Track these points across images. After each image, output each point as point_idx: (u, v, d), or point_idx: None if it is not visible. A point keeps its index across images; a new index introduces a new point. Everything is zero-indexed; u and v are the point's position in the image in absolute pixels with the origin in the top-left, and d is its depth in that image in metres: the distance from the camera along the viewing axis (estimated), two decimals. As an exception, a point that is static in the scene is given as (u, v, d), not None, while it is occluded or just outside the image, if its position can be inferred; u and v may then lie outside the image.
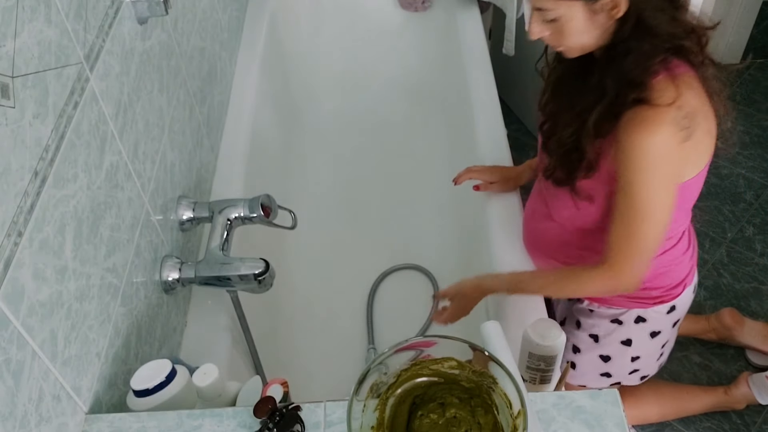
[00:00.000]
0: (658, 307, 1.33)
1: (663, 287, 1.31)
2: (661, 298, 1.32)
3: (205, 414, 0.90)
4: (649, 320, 1.35)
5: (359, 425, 0.79)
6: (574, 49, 1.10)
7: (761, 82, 2.68)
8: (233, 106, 1.79)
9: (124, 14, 1.10)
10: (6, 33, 0.75)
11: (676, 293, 1.32)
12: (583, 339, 1.44)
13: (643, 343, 1.39)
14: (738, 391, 1.78)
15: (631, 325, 1.36)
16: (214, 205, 1.33)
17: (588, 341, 1.43)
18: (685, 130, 1.02)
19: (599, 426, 0.85)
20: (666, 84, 1.03)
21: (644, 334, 1.38)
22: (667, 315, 1.36)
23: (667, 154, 1.04)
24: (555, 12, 1.04)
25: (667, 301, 1.33)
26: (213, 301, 1.37)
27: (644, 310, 1.34)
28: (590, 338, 1.42)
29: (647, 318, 1.35)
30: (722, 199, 2.28)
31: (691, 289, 1.37)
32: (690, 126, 1.02)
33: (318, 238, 1.98)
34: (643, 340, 1.38)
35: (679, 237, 1.27)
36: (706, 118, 1.08)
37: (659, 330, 1.38)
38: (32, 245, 0.79)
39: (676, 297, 1.33)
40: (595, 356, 1.44)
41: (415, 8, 2.17)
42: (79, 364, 0.90)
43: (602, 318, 1.39)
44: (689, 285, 1.35)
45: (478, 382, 0.84)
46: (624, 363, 1.43)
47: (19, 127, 0.77)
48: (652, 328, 1.37)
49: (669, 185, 1.08)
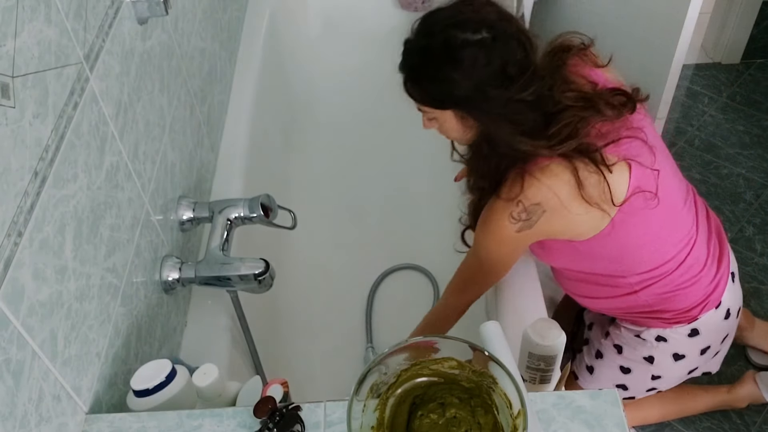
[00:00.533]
0: (677, 328, 1.33)
1: (675, 310, 1.31)
2: (677, 319, 1.32)
3: (205, 414, 0.90)
4: (670, 341, 1.35)
5: (359, 425, 0.79)
6: (458, 141, 1.26)
7: (761, 82, 2.68)
8: (233, 106, 1.79)
9: (124, 14, 1.10)
10: (6, 33, 0.75)
11: (693, 315, 1.31)
12: (607, 347, 1.44)
13: (666, 364, 1.38)
14: (743, 390, 1.77)
15: (653, 343, 1.36)
16: (214, 205, 1.33)
17: (612, 350, 1.43)
18: (522, 222, 1.15)
19: (599, 426, 0.85)
20: (515, 180, 1.14)
21: (667, 355, 1.37)
22: (690, 339, 1.34)
23: (503, 238, 1.19)
24: (431, 114, 1.18)
25: (684, 322, 1.32)
26: (213, 301, 1.37)
27: (663, 330, 1.34)
28: (614, 348, 1.42)
29: (667, 338, 1.34)
30: (722, 199, 2.28)
31: (719, 313, 1.33)
32: (529, 218, 1.14)
33: (318, 238, 1.98)
34: (665, 360, 1.38)
35: (678, 264, 1.26)
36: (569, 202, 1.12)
37: (683, 354, 1.37)
38: (32, 245, 0.79)
39: (695, 319, 1.31)
40: (615, 365, 1.44)
41: (415, 8, 2.17)
42: (79, 364, 0.90)
43: (627, 331, 1.39)
44: (711, 308, 1.31)
45: (478, 382, 0.84)
46: (644, 379, 1.43)
47: (19, 127, 0.77)
48: (675, 350, 1.36)
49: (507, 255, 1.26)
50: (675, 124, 2.54)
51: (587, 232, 1.18)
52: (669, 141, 2.47)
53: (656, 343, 1.35)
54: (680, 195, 1.27)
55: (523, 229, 1.16)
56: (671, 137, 2.49)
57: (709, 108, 2.60)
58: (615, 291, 1.30)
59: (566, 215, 1.14)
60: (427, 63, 1.11)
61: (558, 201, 1.12)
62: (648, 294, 1.28)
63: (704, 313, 1.31)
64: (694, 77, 2.72)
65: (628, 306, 1.32)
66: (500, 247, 1.23)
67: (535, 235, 1.19)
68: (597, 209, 1.13)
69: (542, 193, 1.12)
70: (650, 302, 1.29)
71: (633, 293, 1.28)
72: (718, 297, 1.32)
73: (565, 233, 1.19)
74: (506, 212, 1.15)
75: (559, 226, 1.17)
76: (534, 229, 1.16)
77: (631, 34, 1.91)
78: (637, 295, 1.28)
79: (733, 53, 2.72)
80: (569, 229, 1.18)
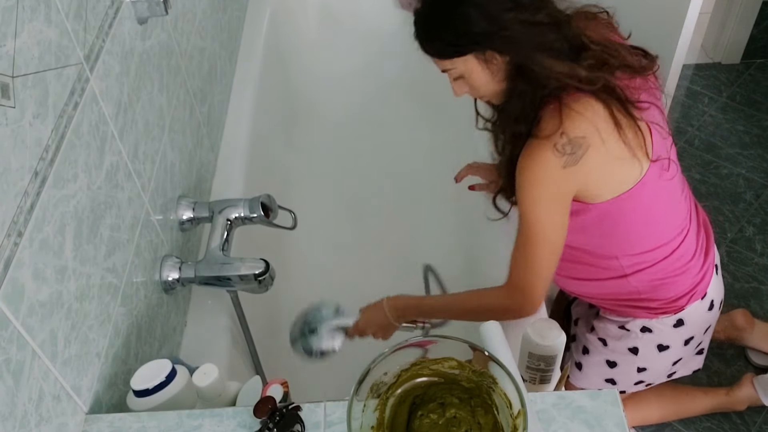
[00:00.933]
0: (662, 318, 1.33)
1: (663, 299, 1.31)
2: (663, 309, 1.32)
3: (205, 414, 0.90)
4: (655, 331, 1.35)
5: (359, 425, 0.79)
6: (489, 96, 1.20)
7: (761, 82, 2.68)
8: (233, 106, 1.79)
9: (124, 14, 1.10)
10: (6, 33, 0.75)
11: (680, 305, 1.31)
12: (592, 341, 1.44)
13: (651, 355, 1.38)
14: (741, 393, 1.77)
15: (637, 334, 1.36)
16: (214, 205, 1.33)
17: (597, 344, 1.43)
18: (568, 155, 1.08)
19: (599, 426, 0.85)
20: (552, 115, 1.10)
21: (651, 346, 1.37)
22: (675, 329, 1.34)
23: (546, 178, 1.11)
24: (456, 70, 1.14)
25: (670, 312, 1.32)
26: (213, 301, 1.37)
27: (649, 321, 1.34)
28: (599, 341, 1.42)
29: (652, 329, 1.35)
30: (722, 199, 2.27)
31: (703, 304, 1.34)
32: (574, 152, 1.08)
33: (318, 238, 1.98)
34: (650, 351, 1.38)
35: (671, 251, 1.26)
36: (609, 142, 1.10)
37: (667, 345, 1.37)
38: (32, 245, 0.79)
39: (681, 309, 1.32)
40: (602, 360, 1.43)
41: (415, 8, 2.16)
42: (79, 364, 0.90)
43: (611, 323, 1.39)
44: (697, 299, 1.32)
45: (478, 382, 0.84)
46: (630, 371, 1.43)
47: (19, 127, 0.77)
48: (659, 340, 1.36)
49: (554, 208, 1.14)
50: (675, 124, 2.54)
51: (618, 185, 1.15)
52: (669, 141, 2.47)
53: (641, 334, 1.36)
54: (680, 182, 1.28)
55: (569, 164, 1.09)
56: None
57: (709, 108, 2.60)
58: (606, 273, 1.29)
59: (606, 155, 1.11)
60: (437, 10, 1.12)
61: (599, 137, 1.09)
62: (638, 280, 1.28)
63: (690, 304, 1.32)
64: (694, 77, 2.72)
65: (617, 292, 1.32)
66: (547, 192, 1.13)
67: (580, 176, 1.12)
68: (633, 157, 1.12)
69: (584, 126, 1.08)
70: (639, 289, 1.29)
71: (623, 277, 1.28)
72: (705, 288, 1.33)
73: (599, 181, 1.14)
74: (549, 145, 1.09)
75: (599, 169, 1.12)
76: (579, 167, 1.10)
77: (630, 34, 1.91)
78: (627, 280, 1.28)
79: (733, 53, 2.72)
80: (606, 173, 1.14)
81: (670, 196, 1.24)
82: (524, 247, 1.17)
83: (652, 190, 1.18)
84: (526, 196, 1.14)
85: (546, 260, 1.18)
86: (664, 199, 1.23)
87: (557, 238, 1.17)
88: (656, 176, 1.17)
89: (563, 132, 1.08)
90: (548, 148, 1.08)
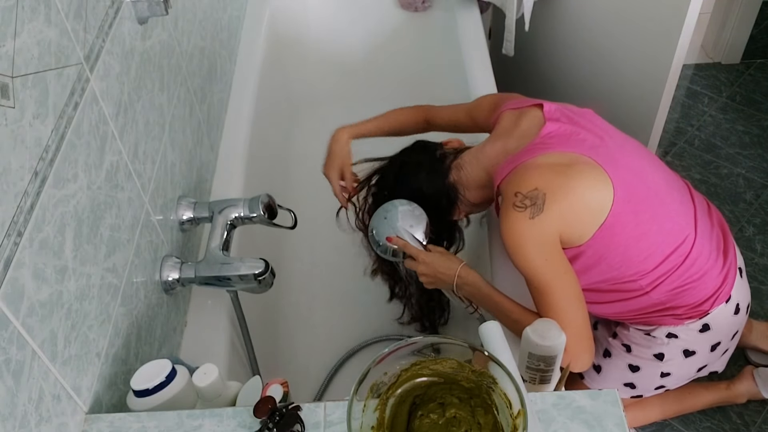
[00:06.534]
0: (688, 324, 1.33)
1: (687, 305, 1.31)
2: (689, 314, 1.32)
3: (205, 414, 0.90)
4: (681, 337, 1.35)
5: (359, 425, 0.79)
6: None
7: (761, 82, 2.68)
8: (233, 105, 1.79)
9: (124, 14, 1.10)
10: (6, 33, 0.75)
11: (704, 309, 1.31)
12: (615, 346, 1.44)
13: (677, 360, 1.38)
14: (741, 386, 1.77)
15: (663, 340, 1.36)
16: (214, 205, 1.33)
17: (620, 349, 1.43)
18: (530, 207, 1.15)
19: (599, 426, 0.85)
20: (506, 184, 1.23)
21: (677, 352, 1.37)
22: (701, 334, 1.34)
23: (524, 235, 1.16)
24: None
25: (695, 317, 1.32)
26: (213, 301, 1.37)
27: (674, 327, 1.34)
28: (623, 347, 1.43)
29: (678, 335, 1.35)
30: (722, 199, 2.28)
31: (728, 308, 1.33)
32: (534, 203, 1.15)
33: (318, 238, 1.98)
34: (676, 357, 1.38)
35: (683, 257, 1.26)
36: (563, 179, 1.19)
37: (694, 350, 1.37)
38: (32, 245, 0.79)
39: (706, 314, 1.32)
40: (624, 364, 1.43)
41: (415, 8, 2.16)
42: (79, 364, 0.90)
43: (636, 330, 1.39)
44: (721, 302, 1.32)
45: (478, 382, 0.84)
46: (652, 376, 1.42)
47: (19, 127, 0.77)
48: (686, 346, 1.36)
49: (546, 253, 1.17)
50: (675, 124, 2.54)
51: (597, 215, 1.18)
52: (669, 141, 2.47)
53: (667, 339, 1.36)
54: (664, 187, 1.28)
55: (535, 214, 1.14)
56: (671, 137, 2.49)
57: (709, 108, 2.60)
58: (628, 295, 1.30)
59: (569, 192, 1.16)
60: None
61: (552, 177, 1.17)
62: (659, 292, 1.28)
63: (715, 307, 1.31)
64: (694, 77, 2.72)
65: (641, 307, 1.32)
66: (532, 245, 1.16)
67: (554, 219, 1.15)
68: (595, 180, 1.18)
69: (533, 179, 1.18)
70: (663, 300, 1.29)
71: (645, 294, 1.29)
72: (728, 290, 1.32)
73: (576, 220, 1.18)
74: (509, 209, 1.17)
75: (569, 208, 1.16)
76: (546, 214, 1.14)
77: (631, 34, 1.91)
78: (649, 296, 1.29)
79: (733, 53, 2.72)
80: (578, 208, 1.17)
81: (651, 205, 1.24)
82: (548, 308, 1.15)
83: (631, 205, 1.19)
84: (520, 260, 1.18)
85: (570, 306, 1.16)
86: (648, 210, 1.23)
87: (568, 277, 1.17)
88: (625, 192, 1.19)
89: (516, 192, 1.17)
90: (510, 210, 1.17)
